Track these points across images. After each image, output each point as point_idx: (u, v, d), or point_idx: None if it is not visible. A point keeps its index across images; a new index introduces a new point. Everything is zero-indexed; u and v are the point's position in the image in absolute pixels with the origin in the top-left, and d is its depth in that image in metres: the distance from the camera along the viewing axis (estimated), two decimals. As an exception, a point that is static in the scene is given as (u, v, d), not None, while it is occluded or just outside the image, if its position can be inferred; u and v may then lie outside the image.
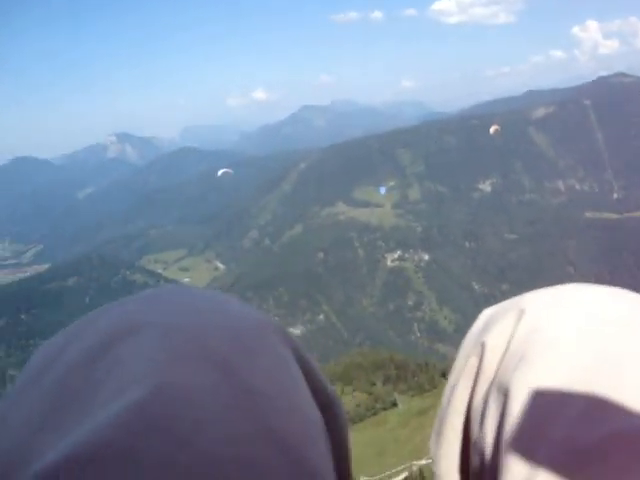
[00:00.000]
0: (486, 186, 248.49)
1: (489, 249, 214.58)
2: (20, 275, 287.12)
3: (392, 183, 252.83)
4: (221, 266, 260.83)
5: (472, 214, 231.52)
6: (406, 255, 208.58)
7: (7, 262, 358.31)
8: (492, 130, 64.68)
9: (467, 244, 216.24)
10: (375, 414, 65.48)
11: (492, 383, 0.92)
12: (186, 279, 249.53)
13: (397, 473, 50.64)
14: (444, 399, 1.06)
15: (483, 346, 0.99)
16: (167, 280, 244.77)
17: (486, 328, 1.00)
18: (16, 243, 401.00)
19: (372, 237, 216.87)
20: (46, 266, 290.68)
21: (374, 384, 75.26)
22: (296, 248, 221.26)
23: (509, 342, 0.94)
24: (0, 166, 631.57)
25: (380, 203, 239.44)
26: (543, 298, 1.01)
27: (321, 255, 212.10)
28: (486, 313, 1.10)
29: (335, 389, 0.96)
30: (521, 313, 0.94)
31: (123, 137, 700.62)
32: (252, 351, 0.79)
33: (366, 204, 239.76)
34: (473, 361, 0.99)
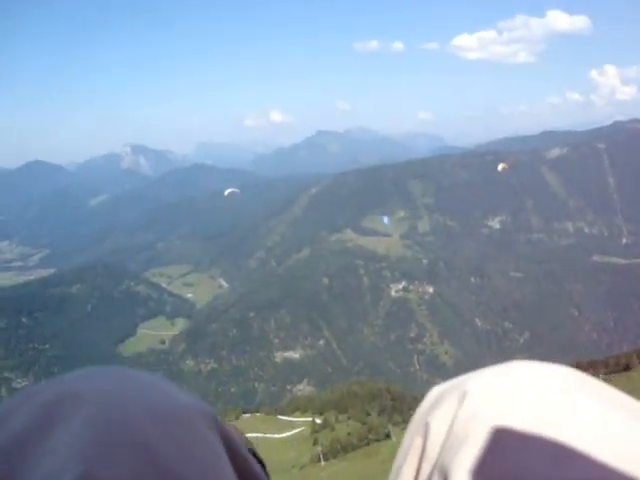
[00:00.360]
0: (495, 223, 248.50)
1: (494, 286, 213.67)
2: (25, 278, 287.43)
3: (402, 214, 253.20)
4: (225, 284, 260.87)
5: (479, 250, 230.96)
6: (411, 286, 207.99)
7: (12, 264, 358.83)
8: (500, 167, 64.52)
9: (472, 279, 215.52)
10: (367, 444, 64.28)
11: (434, 466, 0.92)
12: (189, 295, 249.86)
13: (384, 508, 49.42)
14: (391, 478, 1.06)
15: (427, 427, 0.99)
16: (170, 294, 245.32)
17: (432, 408, 1.06)
18: (23, 246, 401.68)
19: (378, 266, 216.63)
20: (51, 271, 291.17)
21: (369, 414, 74.68)
22: (302, 272, 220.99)
23: (451, 425, 0.94)
24: (13, 169, 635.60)
25: (388, 233, 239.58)
26: (486, 380, 1.00)
27: (326, 280, 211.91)
28: (434, 392, 1.14)
29: (266, 472, 1.01)
30: (464, 395, 1.00)
31: (138, 149, 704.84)
32: (178, 437, 0.80)
33: (374, 233, 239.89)
34: (418, 442, 0.99)
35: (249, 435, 77.76)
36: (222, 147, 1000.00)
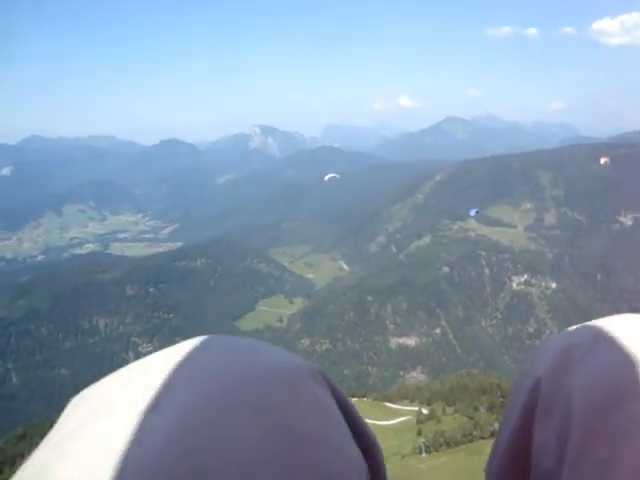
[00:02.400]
0: (628, 219, 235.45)
1: (621, 286, 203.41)
2: (155, 250, 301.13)
3: (528, 205, 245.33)
4: (345, 267, 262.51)
5: (608, 247, 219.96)
6: (533, 280, 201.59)
7: (145, 236, 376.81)
8: (602, 161, 61.36)
9: (598, 277, 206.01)
10: (472, 441, 62.71)
11: (551, 416, 0.95)
12: (309, 275, 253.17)
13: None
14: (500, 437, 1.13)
15: (538, 381, 1.04)
16: (291, 273, 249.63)
17: (539, 362, 1.11)
18: (155, 219, 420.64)
19: (500, 257, 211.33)
20: (179, 244, 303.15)
21: (477, 409, 72.91)
22: (422, 259, 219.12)
23: (563, 377, 0.97)
24: (149, 146, 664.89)
25: (513, 224, 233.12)
26: (590, 331, 1.09)
27: (446, 269, 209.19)
28: (539, 346, 1.21)
29: (375, 435, 1.05)
30: (569, 347, 1.03)
31: (267, 130, 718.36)
32: (294, 396, 0.84)
33: (499, 223, 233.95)
34: (528, 395, 1.03)
35: (354, 420, 78.39)
36: (349, 130, 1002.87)
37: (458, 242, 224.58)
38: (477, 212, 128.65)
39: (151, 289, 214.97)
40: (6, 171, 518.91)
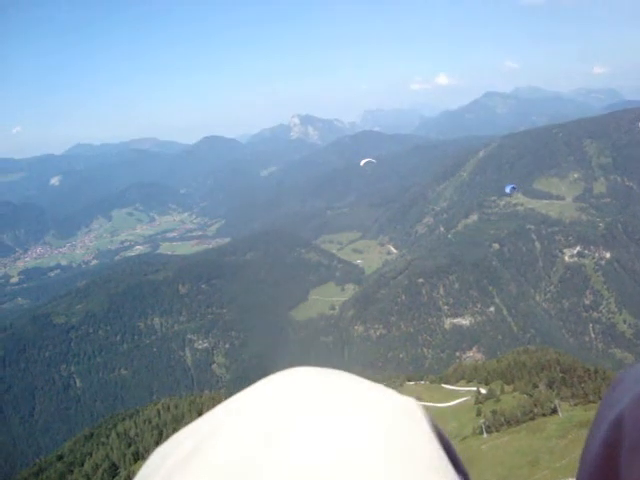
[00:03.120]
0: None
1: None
2: (204, 247, 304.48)
3: (576, 175, 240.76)
4: (394, 250, 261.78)
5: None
6: (586, 252, 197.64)
7: (194, 234, 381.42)
8: None
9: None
10: (532, 419, 61.56)
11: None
12: (358, 261, 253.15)
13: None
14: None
15: (621, 416, 0.99)
16: (340, 260, 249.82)
17: (621, 393, 1.06)
18: (202, 217, 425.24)
19: (551, 231, 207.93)
20: (227, 239, 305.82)
21: (536, 386, 72.03)
22: (470, 237, 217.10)
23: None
24: (191, 145, 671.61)
25: (561, 195, 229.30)
26: None
27: (496, 246, 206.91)
28: (620, 376, 1.18)
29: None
30: None
31: (306, 119, 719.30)
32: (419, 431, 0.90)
33: (546, 196, 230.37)
34: (610, 431, 0.98)
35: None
36: (388, 113, 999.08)
37: (506, 218, 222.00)
38: (514, 189, 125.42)
39: (203, 286, 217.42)
40: (55, 181, 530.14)
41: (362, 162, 70.51)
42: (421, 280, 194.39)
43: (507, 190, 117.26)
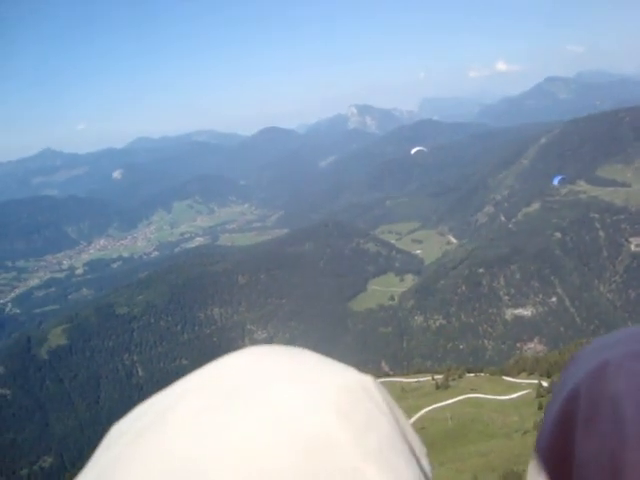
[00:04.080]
0: None
1: None
2: (263, 238, 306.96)
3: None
4: (453, 240, 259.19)
5: None
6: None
7: (253, 225, 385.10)
8: None
9: None
10: None
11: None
12: (418, 251, 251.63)
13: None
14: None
15: (576, 389, 1.04)
16: (399, 251, 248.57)
17: (575, 371, 1.14)
18: (261, 208, 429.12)
19: (616, 219, 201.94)
20: (286, 230, 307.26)
21: (600, 380, 70.42)
22: (532, 226, 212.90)
23: (603, 384, 0.98)
24: (249, 136, 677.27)
25: (627, 182, 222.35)
26: (626, 339, 1.07)
27: (558, 235, 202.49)
28: (574, 356, 1.21)
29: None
30: (606, 356, 1.04)
31: (363, 109, 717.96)
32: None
33: (611, 183, 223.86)
34: (565, 405, 1.04)
35: (471, 395, 77.65)
36: (447, 101, 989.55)
37: (569, 206, 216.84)
38: (563, 179, 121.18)
39: (262, 276, 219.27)
40: (117, 174, 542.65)
41: (413, 150, 70.02)
42: (481, 270, 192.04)
43: (555, 182, 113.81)
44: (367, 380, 1.00)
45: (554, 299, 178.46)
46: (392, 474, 0.84)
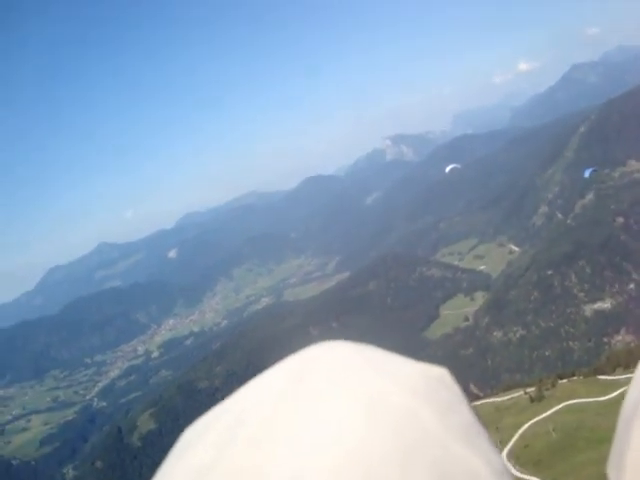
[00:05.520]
0: None
1: None
2: (327, 285, 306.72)
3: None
4: (515, 248, 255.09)
5: None
6: None
7: (313, 275, 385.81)
8: None
9: None
10: None
11: None
12: (482, 267, 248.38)
13: None
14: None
15: None
16: (464, 270, 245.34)
17: None
18: (318, 257, 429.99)
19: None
20: (347, 274, 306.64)
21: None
22: (591, 217, 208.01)
23: None
24: (293, 189, 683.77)
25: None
26: None
27: (621, 220, 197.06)
28: None
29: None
30: None
31: (397, 138, 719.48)
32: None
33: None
34: None
35: (569, 402, 74.77)
36: (477, 112, 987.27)
37: (625, 188, 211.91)
38: (594, 171, 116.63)
39: (333, 324, 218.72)
40: (172, 254, 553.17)
41: (447, 169, 69.47)
42: (550, 272, 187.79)
43: (586, 174, 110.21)
44: (443, 372, 1.04)
45: (632, 286, 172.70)
46: (480, 454, 0.85)
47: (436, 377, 1.01)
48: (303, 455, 0.84)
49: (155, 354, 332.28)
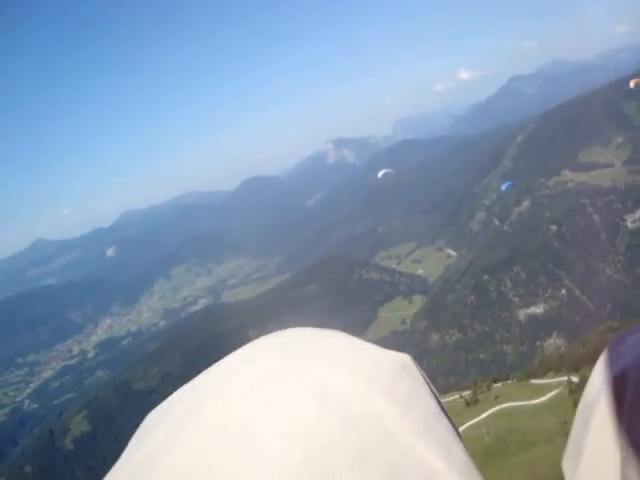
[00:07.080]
0: None
1: None
2: (266, 287, 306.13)
3: (620, 139, 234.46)
4: (453, 253, 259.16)
5: None
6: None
7: (253, 276, 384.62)
8: (632, 84, 57.19)
9: None
10: None
11: None
12: (420, 271, 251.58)
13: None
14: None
15: (624, 372, 1.01)
16: (402, 274, 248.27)
17: (622, 353, 1.07)
18: (258, 258, 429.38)
19: (606, 200, 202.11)
20: (287, 275, 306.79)
21: (629, 364, 69.50)
22: (527, 224, 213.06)
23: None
24: (233, 190, 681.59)
25: (609, 163, 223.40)
26: None
27: (554, 227, 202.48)
28: (615, 340, 1.16)
29: None
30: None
31: (339, 142, 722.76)
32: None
33: (594, 166, 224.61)
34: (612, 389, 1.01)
35: (503, 406, 76.66)
36: (418, 119, 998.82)
37: (559, 197, 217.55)
38: (512, 185, 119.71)
39: (271, 325, 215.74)
40: (110, 252, 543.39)
41: (379, 174, 70.12)
42: (486, 277, 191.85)
43: (503, 188, 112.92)
44: (406, 358, 1.00)
45: (563, 291, 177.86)
46: (441, 447, 0.84)
47: (399, 364, 0.97)
48: (251, 451, 0.78)
49: (91, 354, 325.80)
